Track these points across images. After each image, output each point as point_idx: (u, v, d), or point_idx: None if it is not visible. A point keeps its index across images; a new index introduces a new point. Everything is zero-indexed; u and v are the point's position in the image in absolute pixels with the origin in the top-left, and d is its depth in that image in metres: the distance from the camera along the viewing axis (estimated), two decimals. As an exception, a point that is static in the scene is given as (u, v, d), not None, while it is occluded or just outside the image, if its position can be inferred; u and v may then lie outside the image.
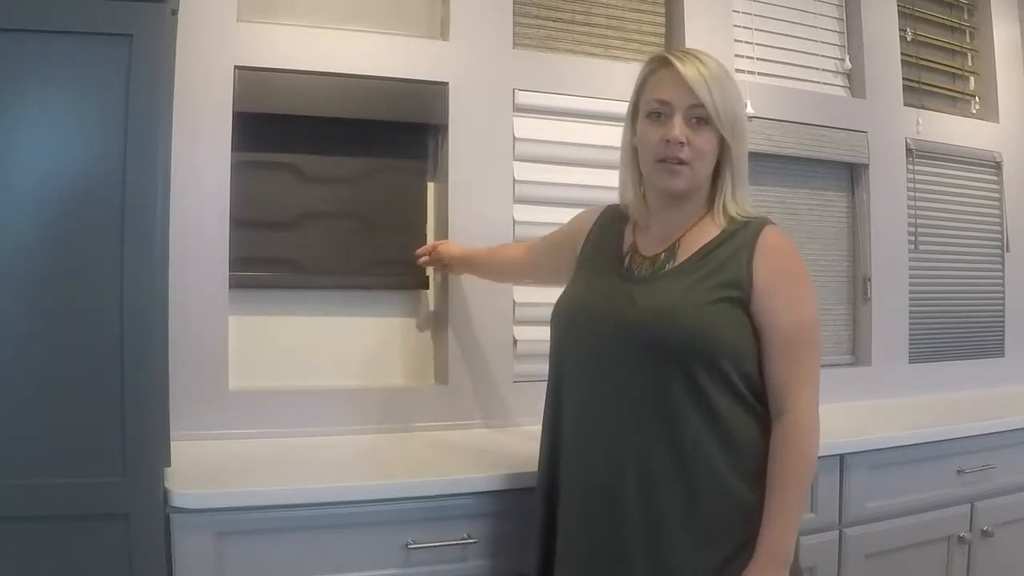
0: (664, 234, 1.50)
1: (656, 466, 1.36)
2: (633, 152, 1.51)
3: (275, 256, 2.09)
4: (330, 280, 2.13)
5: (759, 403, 1.42)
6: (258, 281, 2.06)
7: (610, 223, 1.61)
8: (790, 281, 1.42)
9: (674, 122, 1.41)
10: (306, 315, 2.13)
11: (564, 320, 1.52)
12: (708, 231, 1.46)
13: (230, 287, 1.98)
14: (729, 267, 1.41)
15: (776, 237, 1.44)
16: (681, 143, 1.40)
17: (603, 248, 1.58)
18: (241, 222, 2.01)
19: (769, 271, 1.40)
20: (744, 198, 1.48)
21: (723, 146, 1.44)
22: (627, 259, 1.52)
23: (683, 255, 1.45)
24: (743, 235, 1.43)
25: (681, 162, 1.41)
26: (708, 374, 1.36)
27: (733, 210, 1.46)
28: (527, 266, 1.93)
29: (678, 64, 1.41)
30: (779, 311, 1.40)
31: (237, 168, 1.99)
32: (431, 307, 2.24)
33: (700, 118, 1.41)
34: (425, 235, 2.22)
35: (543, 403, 1.56)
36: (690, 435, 1.36)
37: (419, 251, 2.12)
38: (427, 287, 2.21)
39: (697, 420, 1.36)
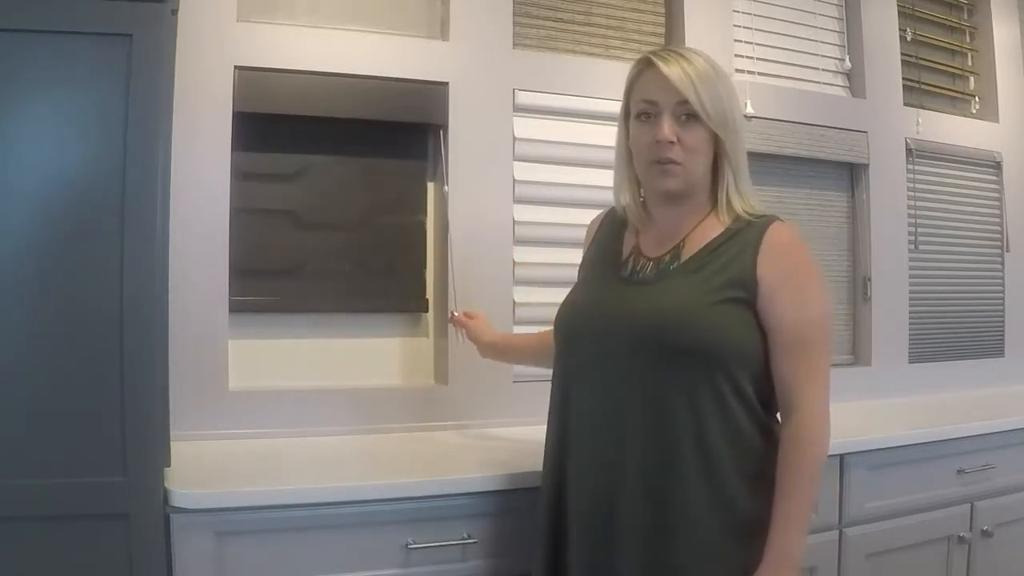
0: (667, 233, 1.48)
1: (659, 469, 1.35)
2: (628, 153, 1.50)
3: (275, 255, 2.08)
4: (330, 284, 2.12)
5: (766, 406, 1.41)
6: (257, 288, 2.05)
7: (610, 228, 1.59)
8: (797, 278, 1.40)
9: (662, 122, 1.40)
10: (306, 315, 2.12)
11: (567, 326, 1.51)
12: (712, 229, 1.45)
13: (230, 287, 1.97)
14: (734, 266, 1.39)
15: (783, 234, 1.42)
16: (671, 142, 1.40)
17: (604, 253, 1.56)
18: (241, 223, 2.00)
19: (775, 269, 1.38)
20: (748, 193, 1.46)
21: (718, 141, 1.43)
22: (630, 261, 1.50)
23: (687, 254, 1.44)
24: (748, 233, 1.42)
25: (673, 162, 1.41)
26: (713, 376, 1.35)
27: (738, 206, 1.44)
28: (547, 343, 1.68)
29: (661, 64, 1.40)
30: (787, 309, 1.37)
31: (237, 169, 1.99)
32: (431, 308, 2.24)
33: (689, 114, 1.40)
34: (425, 235, 2.22)
35: (543, 403, 1.55)
36: (692, 437, 1.34)
37: (451, 319, 1.99)
38: (426, 310, 2.21)
39: (700, 422, 1.34)
